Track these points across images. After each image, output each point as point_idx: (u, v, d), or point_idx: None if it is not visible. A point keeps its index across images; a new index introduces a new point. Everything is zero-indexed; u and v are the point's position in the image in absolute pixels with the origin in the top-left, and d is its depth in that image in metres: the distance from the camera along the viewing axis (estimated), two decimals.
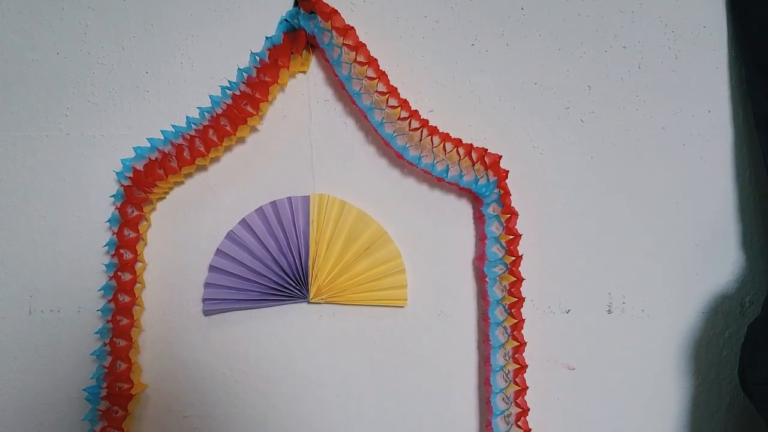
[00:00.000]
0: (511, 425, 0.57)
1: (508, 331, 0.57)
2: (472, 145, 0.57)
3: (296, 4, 0.57)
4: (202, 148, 0.56)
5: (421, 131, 0.57)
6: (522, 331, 0.57)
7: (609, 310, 0.60)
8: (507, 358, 0.57)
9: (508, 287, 0.57)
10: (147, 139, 0.57)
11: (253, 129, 0.58)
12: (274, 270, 0.58)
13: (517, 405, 0.57)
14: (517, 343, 0.57)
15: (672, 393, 0.60)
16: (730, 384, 0.60)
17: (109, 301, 0.56)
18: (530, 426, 0.57)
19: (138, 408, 0.57)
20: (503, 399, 0.57)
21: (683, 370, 0.60)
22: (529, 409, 0.57)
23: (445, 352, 0.59)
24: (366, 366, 0.59)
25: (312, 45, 0.58)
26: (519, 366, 0.57)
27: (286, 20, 0.57)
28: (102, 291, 0.57)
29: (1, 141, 0.58)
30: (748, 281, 0.60)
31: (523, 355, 0.57)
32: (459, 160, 0.58)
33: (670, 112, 0.60)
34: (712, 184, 0.60)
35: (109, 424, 0.55)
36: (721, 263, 0.60)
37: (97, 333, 0.56)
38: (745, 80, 0.59)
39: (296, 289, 0.58)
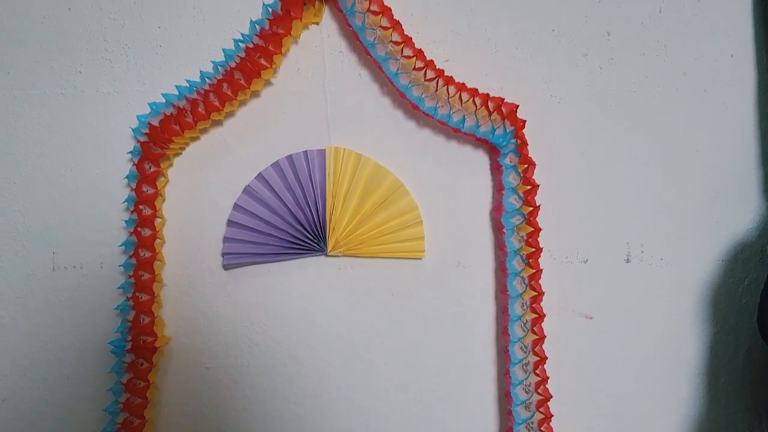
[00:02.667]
0: (529, 373, 0.57)
1: (526, 281, 0.57)
2: (488, 94, 0.57)
3: None
4: (216, 103, 0.56)
5: (437, 81, 0.56)
6: (540, 281, 0.57)
7: (627, 260, 0.60)
8: (525, 307, 0.57)
9: (525, 237, 0.57)
10: (162, 94, 0.56)
11: (267, 82, 0.58)
12: (292, 224, 0.58)
13: (535, 354, 0.57)
14: (534, 293, 0.57)
15: (690, 341, 0.60)
16: (749, 331, 0.60)
17: (131, 257, 0.57)
18: (548, 374, 0.57)
19: (162, 360, 0.59)
20: (521, 348, 0.57)
21: (702, 318, 0.60)
22: (546, 358, 0.57)
23: (463, 303, 0.60)
24: (384, 317, 0.59)
25: None
26: (537, 315, 0.57)
27: None
28: (123, 246, 0.57)
29: (17, 99, 0.58)
30: None
31: (541, 304, 0.57)
32: (475, 110, 0.57)
33: (692, 57, 0.58)
34: (733, 131, 0.59)
35: (135, 376, 0.57)
36: (741, 211, 0.59)
37: (119, 288, 0.57)
38: None
39: (314, 242, 0.58)
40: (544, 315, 0.57)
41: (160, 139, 0.56)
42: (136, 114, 0.57)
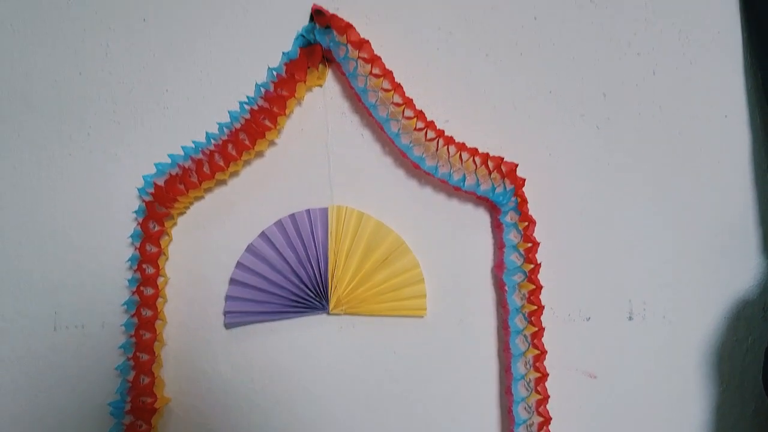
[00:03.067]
0: None
1: (529, 339, 0.57)
2: (488, 154, 0.58)
3: (312, 19, 0.58)
4: (221, 163, 0.57)
5: (437, 141, 0.57)
6: (542, 340, 0.57)
7: (630, 317, 0.59)
8: (528, 366, 0.57)
9: (527, 295, 0.57)
10: (168, 155, 0.57)
11: (272, 143, 0.59)
12: (294, 282, 0.58)
13: (539, 414, 0.56)
14: (537, 352, 0.57)
15: (695, 400, 0.59)
16: (755, 390, 0.60)
17: (132, 316, 0.57)
18: None
19: (162, 422, 0.58)
20: (525, 408, 0.57)
21: (706, 376, 0.59)
22: (551, 418, 0.56)
23: (466, 362, 0.59)
24: (387, 376, 0.59)
25: (328, 59, 0.59)
26: (540, 374, 0.57)
27: (302, 35, 0.58)
28: (125, 306, 0.57)
29: (26, 161, 0.59)
30: None
31: (544, 363, 0.57)
32: (475, 168, 0.58)
33: (687, 117, 0.60)
34: (730, 189, 0.60)
35: None
36: (742, 268, 0.60)
37: (120, 347, 0.57)
38: (761, 84, 0.59)
39: (316, 300, 0.58)
40: (548, 374, 0.57)
41: (165, 198, 0.57)
42: (142, 174, 0.58)
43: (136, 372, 0.56)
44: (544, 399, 0.57)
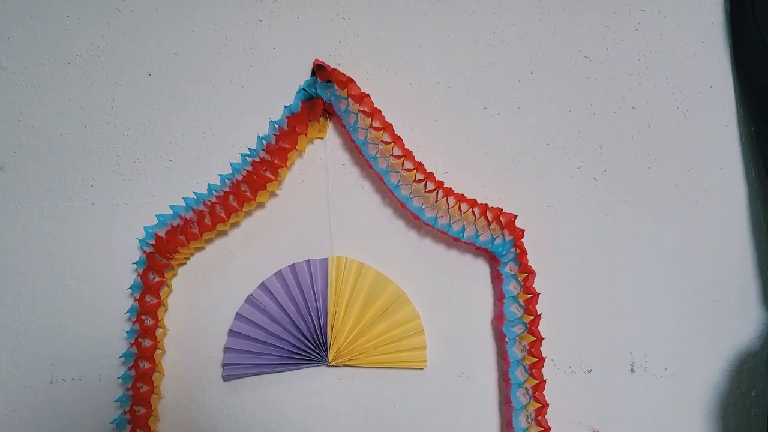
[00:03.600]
0: None
1: (530, 392, 0.56)
2: (487, 205, 0.58)
3: (314, 73, 0.59)
4: (222, 214, 0.58)
5: (437, 192, 0.58)
6: (544, 392, 0.56)
7: (632, 370, 0.59)
8: (530, 420, 0.56)
9: (527, 347, 0.57)
10: (169, 206, 0.58)
11: (273, 194, 0.60)
12: (294, 333, 0.58)
13: None
14: (539, 405, 0.56)
15: None
16: None
17: (130, 368, 0.56)
18: None
19: None
20: None
21: (710, 430, 0.59)
22: None
23: (467, 415, 0.58)
24: (386, 429, 0.58)
25: (329, 112, 0.60)
26: (542, 429, 0.56)
27: (303, 89, 0.59)
28: (123, 358, 0.57)
29: (28, 211, 0.59)
30: None
31: (546, 417, 0.56)
32: (475, 220, 0.58)
33: (682, 169, 0.61)
34: (728, 240, 0.60)
35: None
36: (743, 319, 0.59)
37: (117, 401, 0.56)
38: (755, 137, 0.60)
39: (315, 352, 0.58)
40: (550, 428, 0.56)
41: (165, 249, 0.57)
42: (143, 225, 0.58)
43: (132, 426, 0.56)
44: None
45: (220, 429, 0.57)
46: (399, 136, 0.58)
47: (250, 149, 0.58)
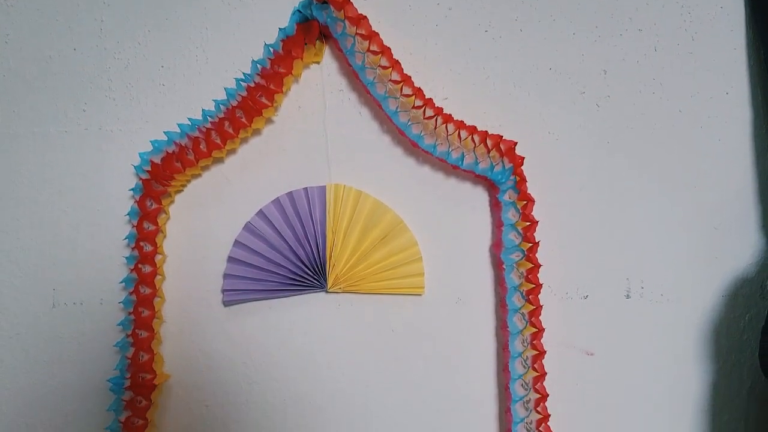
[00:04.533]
0: (531, 411, 0.57)
1: (526, 317, 0.57)
2: (487, 132, 0.57)
3: None
4: (218, 141, 0.57)
5: (436, 119, 0.57)
6: (540, 318, 0.57)
7: (627, 295, 0.59)
8: (525, 344, 0.57)
9: (525, 274, 0.57)
10: (164, 132, 0.57)
11: (269, 120, 0.59)
12: (292, 260, 0.58)
13: (536, 391, 0.57)
14: (535, 330, 0.57)
15: (692, 378, 0.60)
16: (751, 368, 0.60)
17: (131, 293, 0.57)
18: (549, 411, 0.57)
19: (161, 398, 0.58)
20: (522, 385, 0.57)
21: (703, 354, 0.60)
22: (548, 395, 0.57)
23: (464, 340, 0.59)
24: (385, 354, 0.59)
25: (325, 35, 0.58)
26: (537, 352, 0.57)
27: (298, 11, 0.57)
28: (123, 283, 0.57)
29: (21, 137, 0.58)
30: (767, 264, 0.60)
31: (542, 341, 0.57)
32: (474, 147, 0.57)
33: (687, 94, 0.59)
34: (730, 167, 0.59)
35: (134, 414, 0.56)
36: (740, 246, 0.60)
37: (119, 325, 0.57)
38: (764, 60, 0.58)
39: (314, 278, 0.58)
40: (545, 351, 0.57)
41: (161, 176, 0.57)
42: (138, 151, 0.57)
43: (135, 349, 0.57)
44: (541, 376, 0.57)
45: (221, 352, 0.59)
46: (397, 61, 0.57)
47: (244, 74, 0.57)
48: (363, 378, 0.59)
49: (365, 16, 0.56)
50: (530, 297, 0.57)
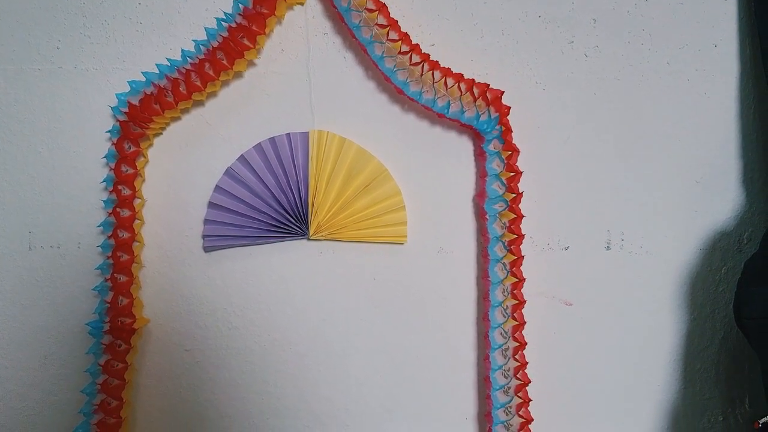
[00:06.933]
0: (509, 359, 0.58)
1: (507, 267, 0.57)
2: (473, 80, 0.56)
3: None
4: (198, 83, 0.55)
5: (422, 66, 0.56)
6: (521, 268, 0.57)
7: (608, 247, 0.60)
8: (506, 293, 0.58)
9: (507, 224, 0.57)
10: (142, 72, 0.55)
11: (251, 63, 0.57)
12: (274, 207, 0.58)
13: (515, 339, 0.58)
14: (515, 279, 0.57)
15: (668, 327, 0.61)
16: (725, 319, 0.61)
17: (109, 237, 0.56)
18: (527, 359, 0.58)
19: (140, 342, 0.58)
20: (501, 333, 0.58)
21: (679, 305, 0.61)
22: (526, 343, 0.57)
23: (445, 288, 0.60)
24: (366, 302, 0.59)
25: None
26: (517, 302, 0.57)
27: None
28: (101, 227, 0.56)
29: None
30: (746, 218, 0.60)
31: (522, 291, 0.57)
32: (460, 95, 0.57)
33: (676, 46, 0.59)
34: (715, 121, 0.59)
35: (113, 357, 0.56)
36: (720, 200, 0.60)
37: (97, 269, 0.56)
38: (754, 14, 0.58)
39: (296, 225, 0.58)
40: (525, 301, 0.57)
41: (140, 118, 0.55)
42: (115, 92, 0.56)
43: (114, 293, 0.56)
44: (521, 325, 0.58)
45: (201, 297, 0.58)
46: (384, 4, 0.55)
47: (225, 13, 0.55)
48: (343, 325, 0.59)
49: None
50: (512, 247, 0.57)
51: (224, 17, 0.55)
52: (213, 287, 0.58)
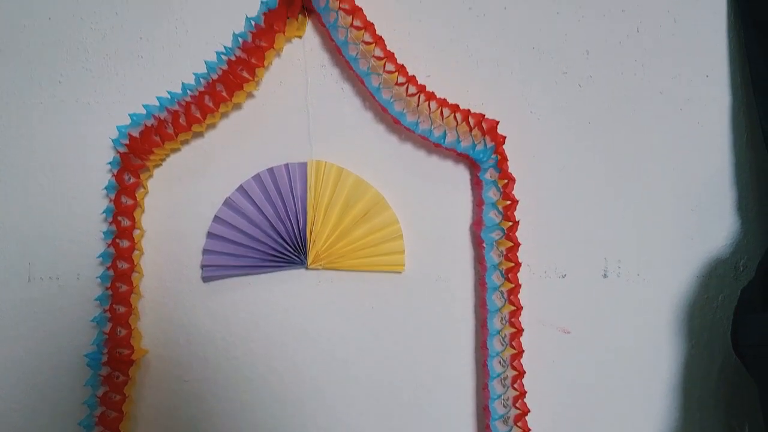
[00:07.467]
0: (508, 387, 0.57)
1: (505, 295, 0.58)
2: (469, 110, 0.57)
3: None
4: (198, 114, 0.56)
5: (419, 96, 0.57)
6: (518, 296, 0.58)
7: (605, 275, 0.60)
8: (503, 322, 0.58)
9: (504, 252, 0.58)
10: (142, 105, 0.56)
11: (249, 95, 0.58)
12: (272, 236, 0.58)
13: (513, 368, 0.58)
14: (513, 308, 0.57)
15: (665, 355, 0.61)
16: (723, 346, 0.61)
17: (108, 268, 0.56)
18: (526, 388, 0.57)
19: (139, 373, 0.58)
20: (500, 362, 0.58)
21: (677, 333, 0.61)
22: (525, 372, 0.57)
23: (443, 317, 0.60)
24: (364, 330, 0.59)
25: (308, 9, 0.57)
26: (515, 330, 0.58)
27: None
28: (100, 258, 0.57)
29: None
30: (742, 246, 0.61)
31: (520, 319, 0.57)
32: (456, 125, 0.57)
33: (669, 76, 0.60)
34: (708, 149, 0.60)
35: (111, 389, 0.56)
36: (716, 228, 0.60)
37: (96, 300, 0.57)
38: (744, 44, 0.59)
39: (294, 255, 0.58)
40: (523, 329, 0.57)
41: (140, 150, 0.56)
42: (116, 125, 0.56)
43: (112, 324, 0.56)
44: (519, 353, 0.58)
45: (200, 327, 0.58)
46: (381, 37, 0.56)
47: (225, 47, 0.56)
48: (342, 355, 0.59)
49: None
50: (509, 275, 0.57)
51: (224, 51, 0.56)
52: (212, 317, 0.59)
